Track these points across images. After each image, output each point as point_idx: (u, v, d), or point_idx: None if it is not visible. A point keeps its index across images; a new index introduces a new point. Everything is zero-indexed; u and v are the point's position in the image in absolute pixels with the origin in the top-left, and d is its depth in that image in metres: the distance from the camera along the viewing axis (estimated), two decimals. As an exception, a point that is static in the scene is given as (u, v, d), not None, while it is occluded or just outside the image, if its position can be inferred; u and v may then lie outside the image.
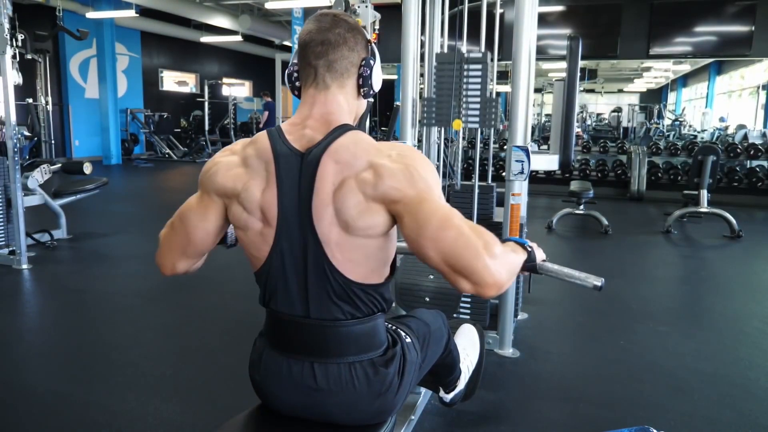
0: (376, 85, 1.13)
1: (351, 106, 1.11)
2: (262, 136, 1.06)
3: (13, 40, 3.72)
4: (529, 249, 1.14)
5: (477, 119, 2.49)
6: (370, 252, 1.03)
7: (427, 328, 1.32)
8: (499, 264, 0.94)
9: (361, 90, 1.11)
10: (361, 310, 1.07)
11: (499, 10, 2.82)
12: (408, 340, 1.20)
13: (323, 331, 1.07)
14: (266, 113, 13.60)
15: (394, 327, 1.21)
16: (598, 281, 1.15)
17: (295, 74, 1.12)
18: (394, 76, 14.22)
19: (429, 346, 1.30)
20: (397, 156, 0.99)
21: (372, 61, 1.10)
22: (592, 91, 18.69)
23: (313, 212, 1.00)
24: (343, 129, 1.03)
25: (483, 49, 2.52)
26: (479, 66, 2.46)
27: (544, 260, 1.18)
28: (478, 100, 2.48)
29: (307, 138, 1.04)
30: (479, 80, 2.47)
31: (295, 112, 1.10)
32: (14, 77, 3.77)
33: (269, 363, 1.12)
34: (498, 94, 2.59)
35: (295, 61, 1.12)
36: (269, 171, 1.02)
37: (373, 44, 1.14)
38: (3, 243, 4.03)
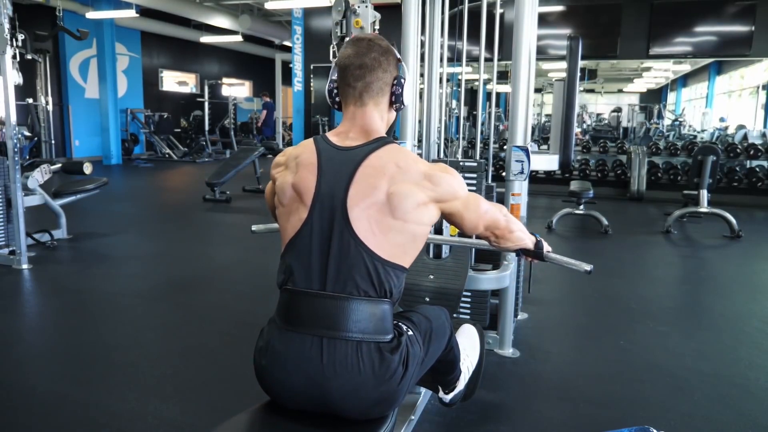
0: (407, 100, 1.34)
1: (384, 118, 1.33)
2: (309, 140, 1.31)
3: (13, 40, 3.72)
4: (538, 239, 1.46)
5: None
6: (407, 239, 1.21)
7: (429, 324, 1.35)
8: (510, 220, 1.39)
9: (393, 105, 1.33)
10: (374, 289, 1.18)
11: (499, 10, 2.82)
12: (411, 333, 1.25)
13: (335, 304, 1.16)
14: (264, 112, 13.62)
15: (396, 321, 1.26)
16: (588, 266, 1.43)
17: (335, 91, 1.33)
18: (394, 76, 14.18)
19: (431, 342, 1.33)
20: (440, 168, 1.27)
21: (403, 80, 1.32)
22: (592, 91, 18.68)
23: (349, 198, 1.18)
24: (385, 140, 1.26)
25: (483, 51, 2.52)
26: (474, 175, 2.49)
27: (549, 251, 1.47)
28: None
29: (350, 141, 1.27)
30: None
31: (339, 123, 1.33)
32: (14, 77, 3.77)
33: (277, 345, 1.18)
34: (498, 94, 2.58)
35: (334, 78, 1.32)
36: (312, 162, 1.24)
37: (403, 63, 1.35)
38: (3, 243, 4.03)
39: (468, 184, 1.39)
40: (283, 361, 1.17)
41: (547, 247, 1.47)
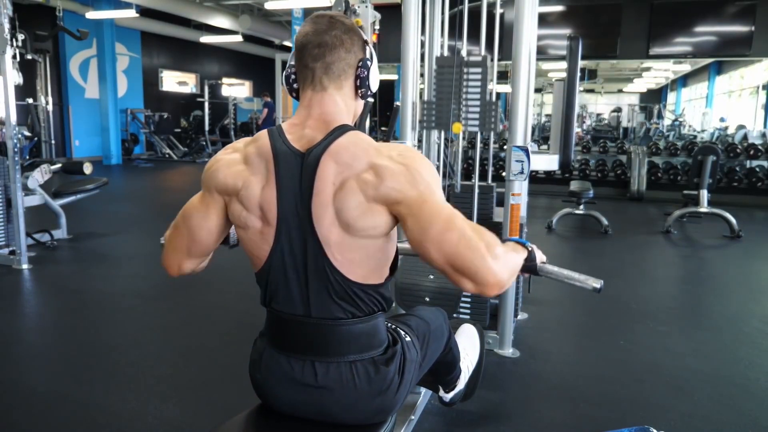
0: (374, 86, 1.13)
1: (349, 106, 1.11)
2: (263, 135, 1.07)
3: (13, 40, 3.72)
4: (530, 249, 1.15)
5: (477, 122, 2.49)
6: (370, 252, 1.04)
7: (427, 327, 1.32)
8: (500, 264, 0.96)
9: (359, 91, 1.12)
10: (362, 310, 1.08)
11: (499, 10, 2.82)
12: (408, 338, 1.20)
13: (324, 331, 1.07)
14: (265, 111, 13.62)
15: (393, 326, 1.22)
16: (597, 283, 1.16)
17: (293, 76, 1.13)
18: (394, 77, 14.22)
19: (429, 345, 1.30)
20: (398, 156, 1.00)
21: (369, 62, 1.11)
22: (592, 91, 18.68)
23: (313, 212, 1.00)
24: (343, 129, 1.04)
25: (483, 51, 2.53)
26: (479, 69, 2.46)
27: (544, 262, 1.19)
28: (478, 103, 2.48)
29: (307, 138, 1.04)
30: (479, 83, 2.47)
31: (294, 113, 1.11)
32: (14, 77, 3.77)
33: (270, 362, 1.12)
34: (498, 94, 2.58)
35: (293, 63, 1.12)
36: (269, 170, 1.03)
37: (370, 45, 1.14)
38: (3, 243, 4.03)
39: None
40: (277, 378, 1.12)
41: (541, 257, 1.18)
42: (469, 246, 0.94)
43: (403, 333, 1.21)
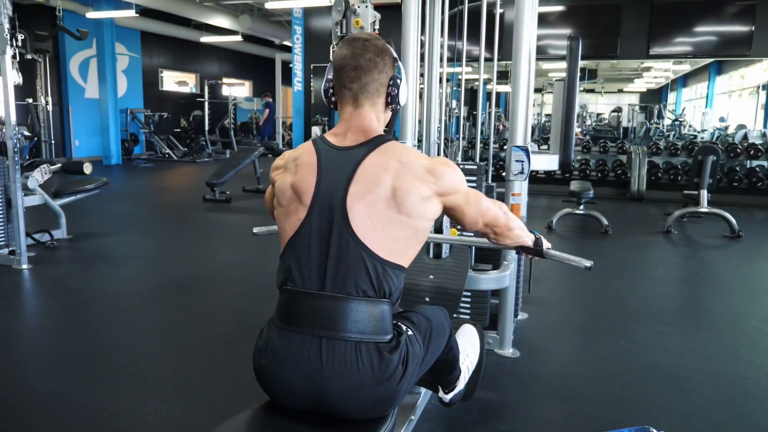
0: (403, 100, 1.33)
1: (380, 119, 1.32)
2: (308, 142, 1.31)
3: (13, 40, 3.72)
4: (537, 236, 1.47)
5: None
6: (408, 233, 1.20)
7: (429, 323, 1.34)
8: (511, 217, 1.40)
9: (390, 105, 1.32)
10: (374, 289, 1.17)
11: (499, 10, 2.82)
12: (410, 332, 1.25)
13: (334, 305, 1.16)
14: (266, 111, 13.63)
15: (396, 321, 1.25)
16: (588, 263, 1.44)
17: (331, 90, 1.33)
18: (394, 76, 14.19)
19: (431, 341, 1.33)
20: (441, 162, 1.27)
21: (399, 80, 1.31)
22: (592, 91, 18.67)
23: (348, 196, 1.18)
24: (382, 138, 1.26)
25: (483, 52, 2.52)
26: (474, 177, 2.51)
27: (548, 248, 1.48)
28: None
29: (348, 141, 1.26)
30: None
31: (336, 125, 1.31)
32: (14, 77, 3.77)
33: (277, 345, 1.18)
34: (498, 94, 2.58)
35: (330, 77, 1.32)
36: (311, 162, 1.24)
37: (399, 62, 1.34)
38: (3, 243, 4.03)
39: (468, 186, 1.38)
40: (282, 361, 1.16)
41: (546, 244, 1.48)
42: (495, 210, 1.36)
43: (405, 327, 1.25)
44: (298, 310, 1.18)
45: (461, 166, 2.48)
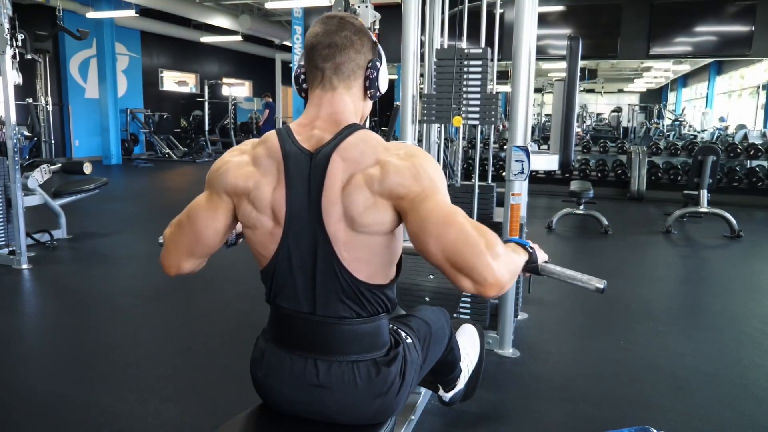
0: (383, 87, 1.15)
1: (357, 106, 1.13)
2: (272, 136, 1.07)
3: (13, 40, 3.72)
4: (531, 250, 1.14)
5: (477, 116, 2.48)
6: (375, 250, 1.04)
7: (428, 328, 1.31)
8: (500, 263, 0.93)
9: (368, 92, 1.13)
10: (367, 310, 1.08)
11: (499, 10, 2.82)
12: (409, 340, 1.20)
13: (328, 329, 1.08)
14: (267, 111, 13.63)
15: (395, 327, 1.21)
16: (600, 284, 1.14)
17: (302, 76, 1.14)
18: (394, 76, 14.20)
19: (430, 346, 1.30)
20: (404, 154, 1.01)
21: (378, 63, 1.13)
22: (592, 91, 18.68)
23: (323, 211, 1.01)
24: (352, 128, 1.05)
25: (483, 45, 2.52)
26: (479, 62, 2.45)
27: (546, 261, 1.18)
28: (479, 96, 2.47)
29: (316, 138, 1.05)
30: (479, 77, 2.46)
31: (302, 113, 1.11)
32: (14, 77, 3.77)
33: (271, 359, 1.12)
34: (498, 93, 2.58)
35: (302, 63, 1.13)
36: (279, 170, 1.04)
37: (379, 46, 1.16)
38: (3, 243, 4.03)
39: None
40: (278, 376, 1.12)
41: (542, 257, 1.18)
42: (467, 242, 0.92)
43: (404, 335, 1.20)
44: (290, 331, 1.10)
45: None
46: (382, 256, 1.05)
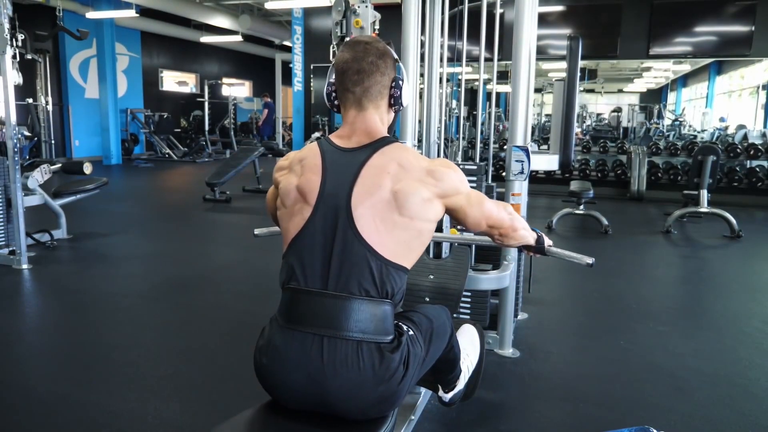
0: (405, 101, 1.35)
1: (384, 120, 1.34)
2: (312, 143, 1.32)
3: (13, 40, 3.72)
4: (539, 234, 1.50)
5: None
6: (411, 235, 1.21)
7: (430, 324, 1.35)
8: (515, 218, 1.40)
9: (393, 107, 1.35)
10: (376, 289, 1.18)
11: (499, 10, 2.82)
12: (411, 332, 1.25)
13: (336, 304, 1.16)
14: (266, 111, 13.63)
15: (397, 321, 1.26)
16: (590, 259, 1.50)
17: (334, 94, 1.35)
18: (394, 76, 14.20)
19: (432, 342, 1.33)
20: (442, 164, 1.28)
21: (401, 81, 1.33)
22: (592, 91, 18.67)
23: (353, 197, 1.19)
24: (388, 140, 1.27)
25: (483, 52, 2.51)
26: (473, 177, 2.50)
27: (550, 245, 1.51)
28: None
29: (353, 142, 1.28)
30: None
31: (341, 127, 1.33)
32: (14, 77, 3.77)
33: (278, 342, 1.18)
34: (498, 94, 2.58)
35: (332, 80, 1.34)
36: (317, 163, 1.25)
37: (400, 63, 1.36)
38: (3, 243, 4.03)
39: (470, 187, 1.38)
40: (283, 360, 1.17)
41: (548, 242, 1.50)
42: (499, 212, 1.36)
43: (406, 327, 1.26)
44: (300, 308, 1.19)
45: (461, 167, 2.48)
46: (413, 240, 1.22)
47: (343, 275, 1.17)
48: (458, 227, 2.34)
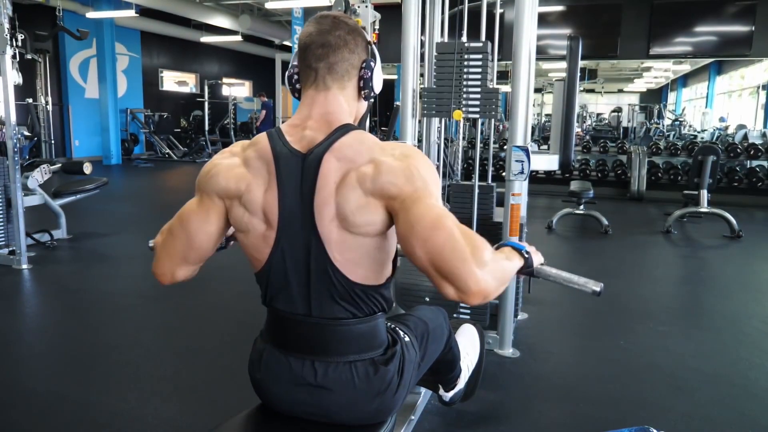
0: (377, 87, 1.13)
1: (351, 107, 1.11)
2: (262, 138, 1.06)
3: (13, 40, 3.72)
4: (527, 255, 1.11)
5: (477, 109, 2.47)
6: (368, 251, 1.03)
7: (425, 327, 1.32)
8: (486, 272, 0.92)
9: (362, 92, 1.12)
10: (363, 310, 1.08)
11: (499, 10, 2.82)
12: (407, 339, 1.20)
13: (324, 330, 1.07)
14: (263, 112, 13.61)
15: (392, 326, 1.22)
16: (597, 286, 1.13)
17: (296, 76, 1.12)
18: (394, 76, 14.22)
19: (428, 345, 1.30)
20: (399, 154, 1.00)
21: (372, 63, 1.11)
22: (592, 91, 18.68)
23: (315, 212, 1.00)
24: (346, 128, 1.04)
25: (483, 39, 2.51)
26: (479, 56, 2.44)
27: (542, 264, 1.16)
28: (479, 90, 2.45)
29: (307, 139, 1.04)
30: (480, 70, 2.45)
31: (296, 112, 1.10)
32: (14, 77, 3.77)
33: (270, 361, 1.12)
34: (498, 89, 2.58)
35: (295, 63, 1.12)
36: (270, 172, 1.03)
37: (373, 46, 1.14)
38: (3, 243, 4.03)
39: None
40: (276, 377, 1.12)
41: (538, 260, 1.15)
42: (454, 248, 0.91)
43: (402, 333, 1.20)
44: (286, 334, 1.10)
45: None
46: (375, 257, 1.04)
47: (325, 302, 1.05)
48: None
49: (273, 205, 1.02)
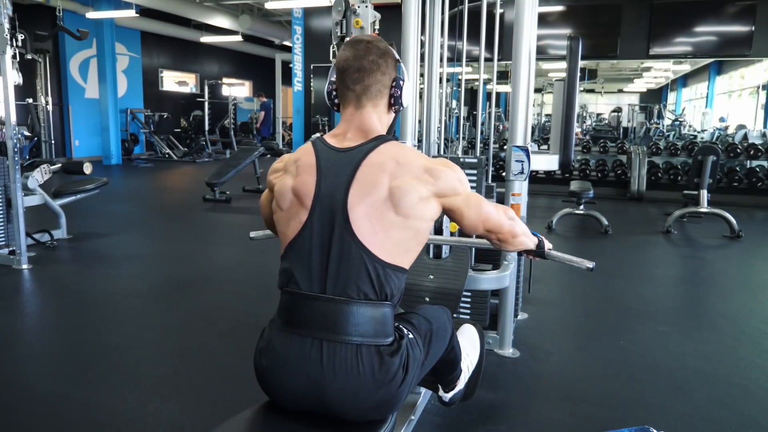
0: (406, 102, 1.34)
1: (383, 120, 1.32)
2: (308, 144, 1.31)
3: (13, 40, 3.71)
4: (540, 239, 1.46)
5: None
6: (408, 234, 1.20)
7: (429, 325, 1.34)
8: (514, 223, 1.36)
9: (393, 107, 1.33)
10: (375, 292, 1.17)
11: (499, 10, 2.82)
12: (411, 336, 1.24)
13: (335, 308, 1.16)
14: (263, 113, 13.61)
15: (397, 324, 1.25)
16: (590, 264, 1.44)
17: (334, 92, 1.34)
18: (394, 76, 14.19)
19: (432, 344, 1.33)
20: (442, 163, 1.26)
21: (401, 81, 1.32)
22: (592, 91, 18.68)
23: (349, 198, 1.17)
24: (383, 138, 1.26)
25: (483, 52, 2.51)
26: (474, 171, 2.48)
27: (550, 248, 1.48)
28: None
29: (347, 143, 1.26)
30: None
31: (337, 125, 1.32)
32: (14, 77, 3.76)
33: (278, 345, 1.18)
34: (498, 94, 2.58)
35: (333, 80, 1.33)
36: (310, 164, 1.24)
37: (401, 63, 1.35)
38: (3, 243, 4.03)
39: (469, 181, 1.38)
40: (283, 362, 1.16)
41: (548, 245, 1.47)
42: (498, 216, 1.32)
43: (406, 330, 1.25)
44: (299, 312, 1.18)
45: (461, 160, 2.48)
46: (410, 240, 1.21)
47: (341, 278, 1.17)
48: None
49: (309, 188, 1.21)
